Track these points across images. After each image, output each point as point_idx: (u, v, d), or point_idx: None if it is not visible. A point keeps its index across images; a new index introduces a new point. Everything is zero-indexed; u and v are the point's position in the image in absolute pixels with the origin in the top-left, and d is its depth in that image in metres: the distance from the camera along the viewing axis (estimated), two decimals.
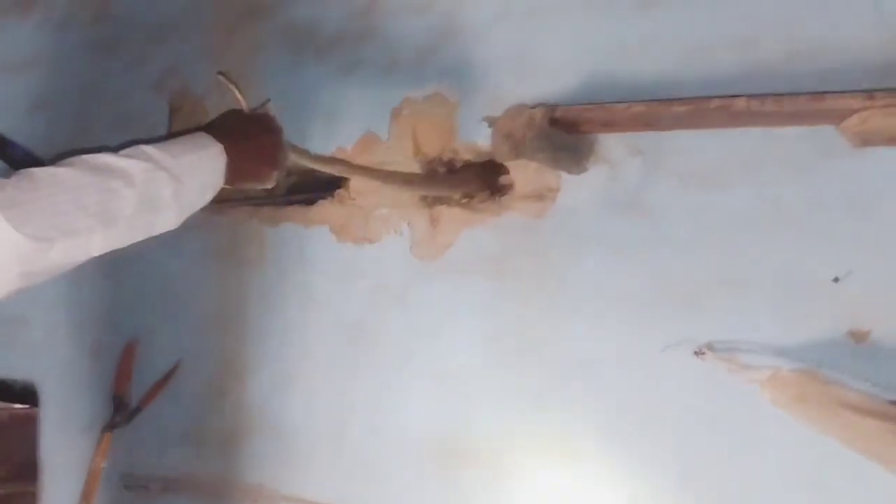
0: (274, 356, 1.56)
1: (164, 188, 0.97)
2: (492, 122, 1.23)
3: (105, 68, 1.82)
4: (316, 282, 1.53)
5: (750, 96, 0.98)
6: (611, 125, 1.17)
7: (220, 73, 1.19)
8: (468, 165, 1.43)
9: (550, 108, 1.13)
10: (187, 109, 1.68)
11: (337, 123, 1.51)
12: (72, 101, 1.87)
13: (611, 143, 1.27)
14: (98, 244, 0.94)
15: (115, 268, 1.75)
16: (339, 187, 1.53)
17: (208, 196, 1.04)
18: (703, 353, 1.19)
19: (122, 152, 0.97)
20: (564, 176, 1.30)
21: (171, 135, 1.07)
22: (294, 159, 1.18)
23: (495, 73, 1.37)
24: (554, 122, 1.14)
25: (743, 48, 1.19)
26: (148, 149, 0.98)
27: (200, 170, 1.01)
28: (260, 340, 1.58)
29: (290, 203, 1.59)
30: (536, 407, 1.32)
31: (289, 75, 1.56)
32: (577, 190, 1.29)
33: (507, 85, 1.35)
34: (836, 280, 1.11)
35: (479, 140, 1.38)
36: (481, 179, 1.39)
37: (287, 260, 1.56)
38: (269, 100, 1.21)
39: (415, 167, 1.45)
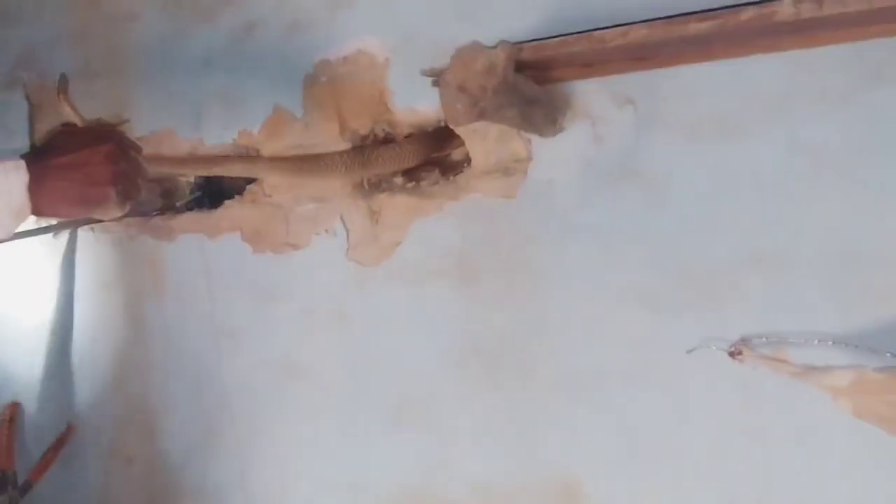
0: (188, 407, 1.24)
1: None
2: (436, 75, 0.92)
3: None
4: (229, 307, 1.20)
5: None
6: (593, 66, 0.88)
7: (59, 90, 0.97)
8: (408, 136, 1.12)
9: (515, 46, 0.83)
10: (50, 106, 1.33)
11: (237, 101, 1.18)
12: None
13: (591, 92, 0.97)
14: None
15: None
16: (249, 182, 1.22)
17: (4, 226, 0.81)
18: (740, 353, 0.91)
19: None
20: (535, 140, 1.00)
21: None
22: (160, 170, 0.93)
23: (429, 16, 1.06)
24: (520, 66, 0.84)
25: None
26: None
27: None
28: (168, 389, 1.25)
29: (189, 209, 1.26)
30: (528, 440, 1.03)
31: (170, 48, 1.23)
32: (554, 157, 0.99)
33: (447, 28, 1.04)
34: None
35: (420, 104, 1.07)
36: (427, 152, 1.09)
37: (190, 283, 1.23)
38: (126, 120, 1.05)
39: (343, 147, 1.13)
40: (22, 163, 0.80)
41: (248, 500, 1.19)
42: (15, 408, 1.37)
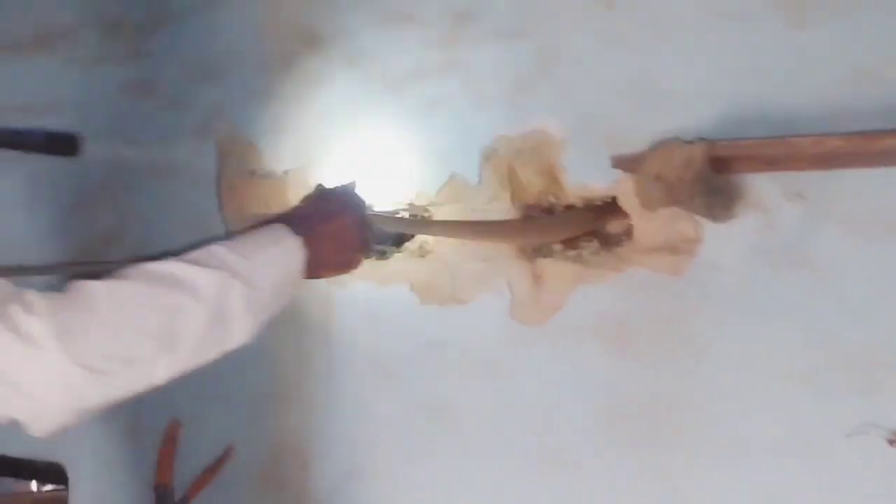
0: (342, 440, 1.33)
1: (236, 298, 0.84)
2: (620, 162, 1.02)
3: (140, 111, 1.62)
4: (393, 352, 1.30)
5: None
6: (774, 164, 0.96)
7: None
8: (571, 208, 1.22)
9: (712, 144, 0.92)
10: (238, 154, 1.47)
11: (417, 166, 1.30)
12: (103, 148, 1.67)
13: (764, 186, 1.05)
14: (163, 372, 0.82)
15: None
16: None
17: (285, 297, 0.91)
18: None
19: (190, 257, 0.84)
20: (705, 223, 1.08)
21: (249, 228, 0.95)
22: (380, 228, 1.07)
23: (610, 105, 1.16)
24: (711, 161, 0.93)
25: None
26: (219, 250, 0.86)
27: (275, 268, 0.88)
28: (325, 422, 1.35)
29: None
30: (673, 496, 1.09)
31: (357, 113, 1.36)
32: (723, 241, 1.07)
33: (625, 118, 1.14)
34: None
35: (592, 182, 1.17)
36: (589, 224, 1.18)
37: (358, 326, 1.33)
38: (354, 181, 1.09)
39: (512, 214, 1.24)
40: (300, 240, 0.89)
41: None
42: (176, 427, 1.49)
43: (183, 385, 1.48)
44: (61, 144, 1.23)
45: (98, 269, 1.46)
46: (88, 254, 1.63)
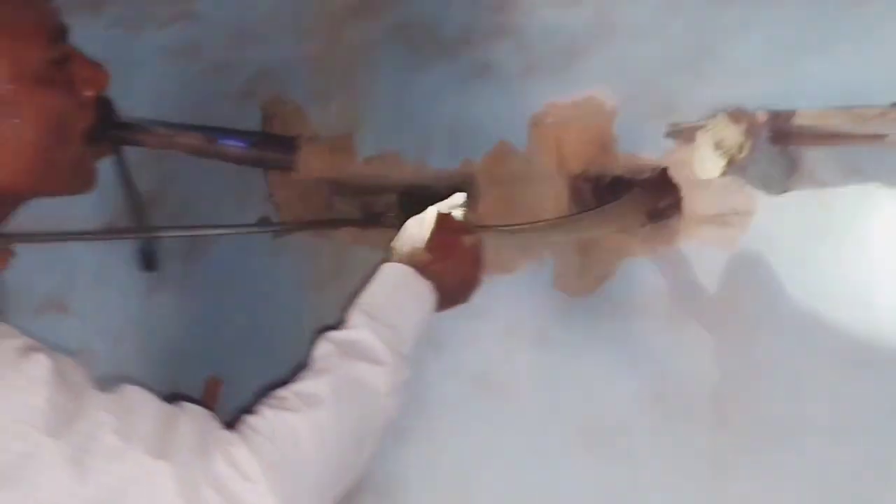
0: None
1: (401, 382, 0.90)
2: (675, 132, 1.01)
3: (185, 74, 1.62)
4: (436, 319, 1.30)
5: None
6: (834, 137, 0.94)
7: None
8: (619, 179, 1.20)
9: (774, 114, 0.91)
10: (283, 117, 1.47)
11: (465, 132, 1.29)
12: (146, 109, 1.67)
13: (820, 159, 1.03)
14: (354, 478, 0.86)
15: (193, 295, 1.55)
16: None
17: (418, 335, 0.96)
18: None
19: (356, 343, 0.88)
20: (758, 196, 1.07)
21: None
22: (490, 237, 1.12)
23: (665, 74, 1.14)
24: (771, 131, 0.92)
25: None
26: (381, 329, 0.90)
27: (418, 327, 0.95)
28: None
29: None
30: (719, 481, 1.09)
31: (406, 78, 1.35)
32: (776, 216, 1.06)
33: (681, 88, 1.12)
34: None
35: (642, 152, 1.16)
36: (647, 206, 1.17)
37: None
38: (464, 199, 1.10)
39: (557, 182, 1.23)
40: (430, 285, 0.94)
41: (433, 498, 1.29)
42: (216, 384, 1.50)
43: (225, 342, 1.50)
44: (274, 156, 1.13)
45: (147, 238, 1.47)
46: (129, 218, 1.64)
